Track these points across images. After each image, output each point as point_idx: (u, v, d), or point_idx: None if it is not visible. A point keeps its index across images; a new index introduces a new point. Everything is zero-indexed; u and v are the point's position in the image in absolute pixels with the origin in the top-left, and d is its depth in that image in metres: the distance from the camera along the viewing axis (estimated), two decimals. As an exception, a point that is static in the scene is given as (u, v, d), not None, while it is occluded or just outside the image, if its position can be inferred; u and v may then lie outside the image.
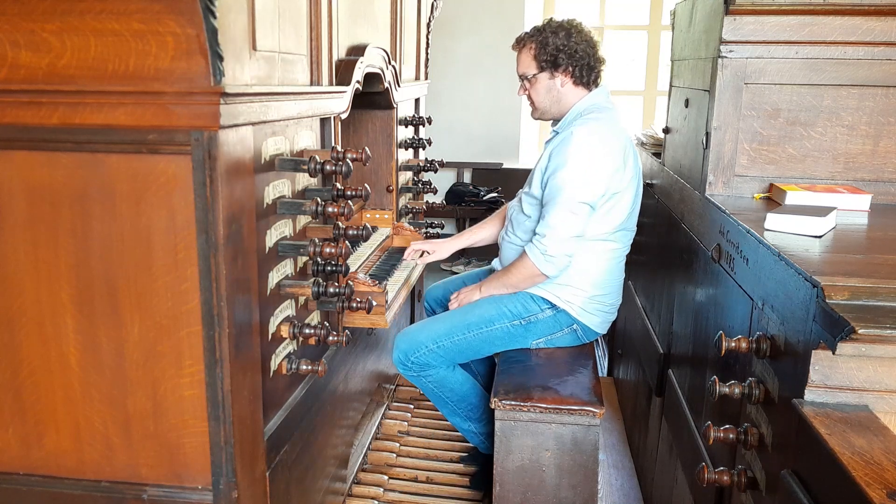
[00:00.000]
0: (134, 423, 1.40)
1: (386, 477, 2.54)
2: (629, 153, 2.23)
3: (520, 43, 2.32)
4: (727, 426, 1.43)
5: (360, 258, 2.36)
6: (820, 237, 1.55)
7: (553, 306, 2.28)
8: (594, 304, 2.30)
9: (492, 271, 2.52)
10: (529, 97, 2.34)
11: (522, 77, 2.32)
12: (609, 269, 2.30)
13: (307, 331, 1.61)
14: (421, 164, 3.07)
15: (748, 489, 1.39)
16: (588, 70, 2.25)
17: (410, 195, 3.08)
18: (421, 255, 2.59)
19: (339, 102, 1.85)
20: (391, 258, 2.59)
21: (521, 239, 2.33)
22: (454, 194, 5.80)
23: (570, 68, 2.23)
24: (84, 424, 1.41)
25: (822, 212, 1.62)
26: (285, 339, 1.60)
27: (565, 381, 2.13)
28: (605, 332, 2.44)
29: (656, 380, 2.42)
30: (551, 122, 2.40)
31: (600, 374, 2.68)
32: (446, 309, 2.58)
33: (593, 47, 2.26)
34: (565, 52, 2.22)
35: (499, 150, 6.04)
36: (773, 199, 1.94)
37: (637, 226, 2.42)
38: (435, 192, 3.19)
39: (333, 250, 1.59)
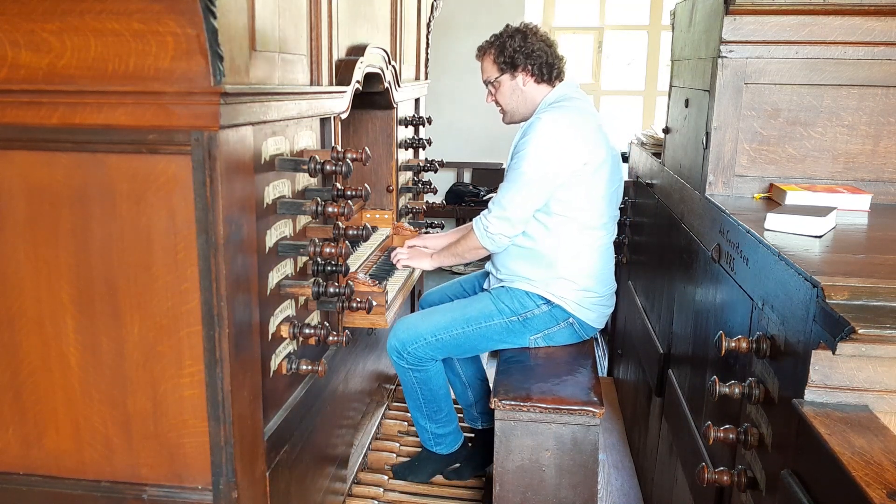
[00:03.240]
0: (134, 423, 1.40)
1: (386, 477, 2.54)
2: (599, 138, 2.25)
3: (481, 52, 2.42)
4: (727, 426, 1.43)
5: (360, 258, 2.36)
6: (820, 237, 1.55)
7: (548, 302, 2.29)
8: (587, 297, 2.30)
9: (487, 274, 2.53)
10: (497, 103, 2.43)
11: (487, 83, 2.41)
12: (599, 258, 2.33)
13: (307, 331, 1.61)
14: (421, 164, 3.07)
15: (748, 489, 1.39)
16: (548, 67, 2.33)
17: (410, 195, 3.08)
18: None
19: (339, 102, 1.85)
20: (391, 258, 2.59)
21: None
22: (454, 194, 5.80)
23: (529, 66, 2.32)
24: (84, 424, 1.42)
25: (822, 212, 1.62)
26: (285, 339, 1.60)
27: (565, 381, 2.13)
28: (602, 327, 2.45)
29: (656, 380, 2.41)
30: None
31: (600, 374, 2.68)
32: None
33: (550, 46, 2.35)
34: (522, 53, 2.31)
35: (499, 150, 6.04)
36: (773, 199, 1.94)
37: (637, 226, 2.42)
38: (435, 192, 3.19)
39: (333, 250, 1.59)
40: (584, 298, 2.30)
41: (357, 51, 2.02)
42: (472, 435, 2.74)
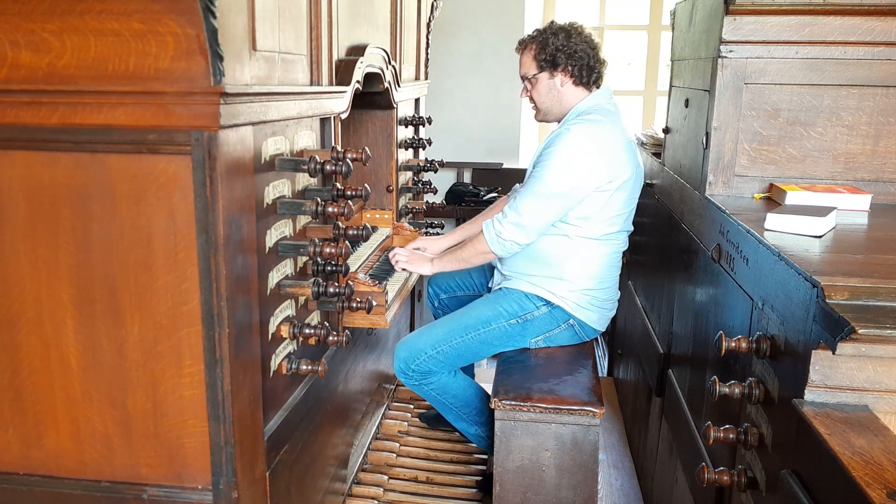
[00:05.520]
0: (134, 423, 1.40)
1: (386, 477, 2.54)
2: (627, 157, 2.22)
3: (521, 45, 2.35)
4: (727, 426, 1.43)
5: (360, 258, 2.36)
6: (820, 237, 1.55)
7: (548, 303, 2.28)
8: (588, 299, 2.29)
9: (493, 269, 2.52)
10: (531, 99, 2.37)
11: (524, 78, 2.35)
12: (603, 265, 2.31)
13: (307, 331, 1.61)
14: (421, 164, 3.07)
15: (748, 489, 1.39)
16: (588, 70, 2.27)
17: (410, 195, 3.08)
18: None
19: (339, 102, 1.85)
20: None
21: None
22: (454, 194, 5.79)
23: (570, 68, 2.26)
24: (84, 424, 1.42)
25: (822, 212, 1.62)
26: (285, 339, 1.60)
27: (565, 381, 2.13)
28: (603, 330, 2.44)
29: (656, 380, 2.41)
30: (557, 123, 2.40)
31: (600, 374, 2.68)
32: (452, 296, 2.65)
33: (594, 48, 2.29)
34: (564, 52, 2.24)
35: (499, 150, 6.04)
36: (773, 199, 1.94)
37: (637, 226, 2.42)
38: (435, 192, 3.19)
39: (333, 250, 1.59)
40: (584, 299, 2.29)
41: (357, 51, 2.02)
42: None
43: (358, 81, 1.96)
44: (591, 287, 2.29)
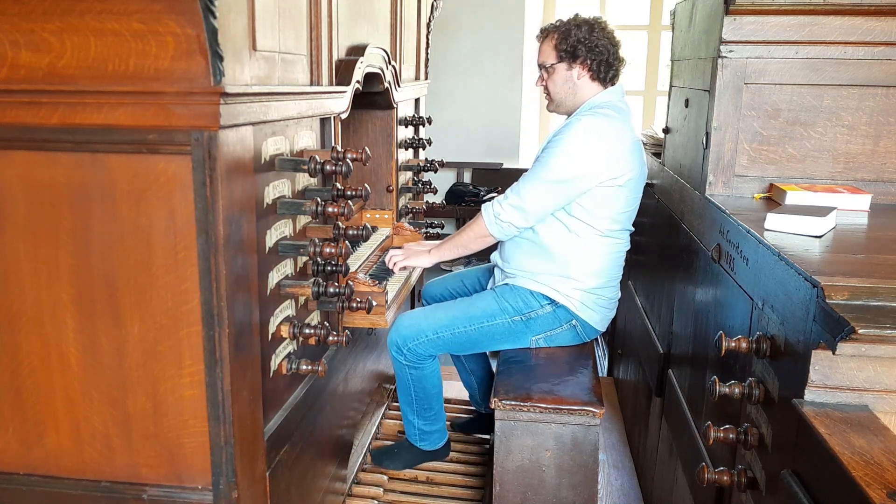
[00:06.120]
0: (134, 423, 1.40)
1: (386, 477, 2.54)
2: (633, 156, 2.23)
3: (543, 33, 2.36)
4: (727, 426, 1.43)
5: (360, 258, 2.36)
6: (820, 237, 1.55)
7: (553, 302, 2.28)
8: (592, 298, 2.30)
9: (490, 272, 2.52)
10: (546, 88, 2.37)
11: (541, 66, 2.36)
12: (606, 262, 2.31)
13: (307, 331, 1.61)
14: (421, 164, 3.07)
15: (748, 489, 1.40)
16: (606, 66, 2.27)
17: (410, 195, 3.07)
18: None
19: (339, 102, 1.85)
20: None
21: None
22: (454, 194, 5.80)
23: (589, 62, 2.26)
24: (84, 424, 1.42)
25: (822, 212, 1.62)
26: (285, 339, 1.60)
27: (565, 381, 2.13)
28: (604, 330, 2.44)
29: (656, 380, 2.42)
30: (565, 116, 2.40)
31: (600, 374, 2.68)
32: None
33: (615, 46, 2.29)
34: (585, 45, 2.24)
35: (499, 150, 6.04)
36: (773, 199, 1.94)
37: (637, 226, 2.42)
38: (435, 192, 3.19)
39: (333, 250, 1.59)
40: (590, 298, 2.29)
41: (357, 51, 2.02)
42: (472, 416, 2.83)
43: (358, 81, 1.96)
44: (597, 286, 2.29)
